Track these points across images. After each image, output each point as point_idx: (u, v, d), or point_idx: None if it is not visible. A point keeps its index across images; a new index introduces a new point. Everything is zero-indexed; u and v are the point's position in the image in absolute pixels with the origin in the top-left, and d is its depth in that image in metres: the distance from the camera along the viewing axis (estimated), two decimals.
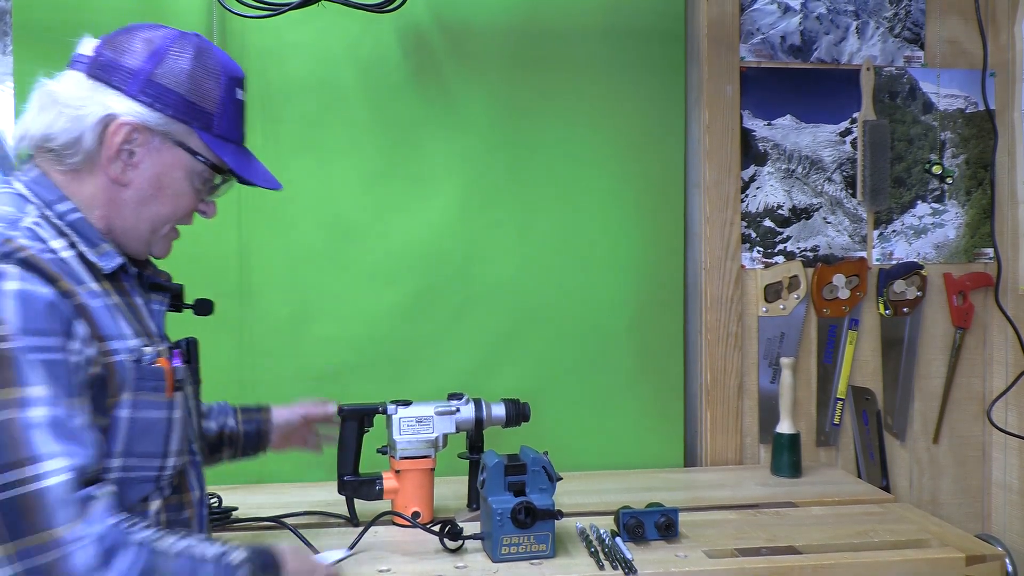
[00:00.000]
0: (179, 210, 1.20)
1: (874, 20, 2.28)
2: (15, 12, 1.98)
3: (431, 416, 1.73)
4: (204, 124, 1.16)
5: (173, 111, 1.14)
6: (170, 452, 1.16)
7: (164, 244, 1.24)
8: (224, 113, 1.18)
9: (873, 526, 1.74)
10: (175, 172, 1.17)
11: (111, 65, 1.13)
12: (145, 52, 1.14)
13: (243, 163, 1.22)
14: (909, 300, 2.29)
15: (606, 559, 1.53)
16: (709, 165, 2.21)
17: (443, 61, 2.15)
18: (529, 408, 1.82)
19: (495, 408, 1.80)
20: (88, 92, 1.11)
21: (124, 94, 1.12)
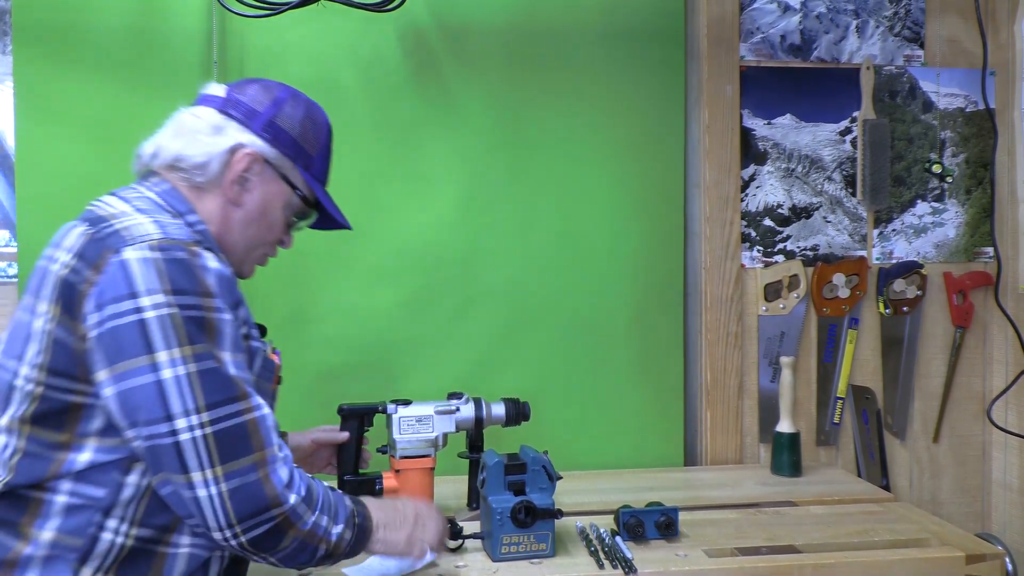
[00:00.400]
0: (271, 236, 1.38)
1: (874, 19, 2.28)
2: (15, 12, 1.99)
3: (431, 415, 1.73)
4: (305, 164, 1.37)
5: (285, 149, 1.34)
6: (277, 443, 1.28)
7: (252, 267, 1.41)
8: (321, 158, 1.40)
9: (873, 525, 1.74)
10: (276, 201, 1.36)
11: (240, 106, 1.33)
12: (268, 99, 1.35)
13: (328, 202, 1.42)
14: (909, 299, 2.29)
15: (606, 558, 1.54)
16: (709, 165, 2.21)
17: (443, 61, 2.15)
18: (529, 407, 1.82)
19: (495, 407, 1.80)
20: (221, 124, 1.31)
21: (249, 130, 1.32)
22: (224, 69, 2.05)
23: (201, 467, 1.08)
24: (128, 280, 1.09)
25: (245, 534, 1.10)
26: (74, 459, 1.10)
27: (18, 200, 2.00)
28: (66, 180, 2.00)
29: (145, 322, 1.08)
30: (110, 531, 1.10)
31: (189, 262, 1.14)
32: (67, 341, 1.10)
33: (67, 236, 1.19)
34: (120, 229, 1.15)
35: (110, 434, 1.11)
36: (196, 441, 1.08)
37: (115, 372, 1.08)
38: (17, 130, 1.99)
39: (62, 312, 1.11)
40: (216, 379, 1.11)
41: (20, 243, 2.00)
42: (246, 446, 1.11)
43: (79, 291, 1.11)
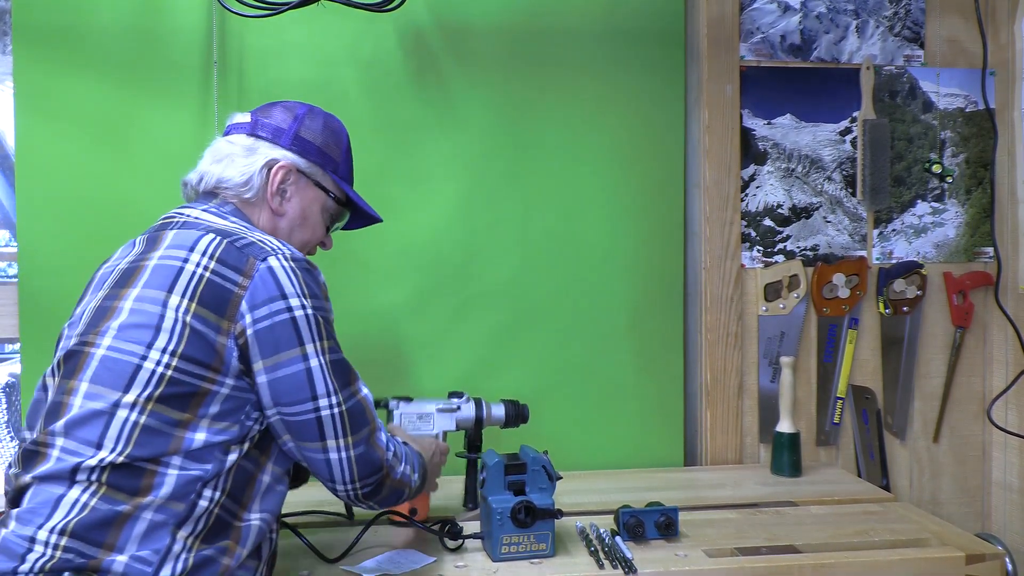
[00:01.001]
0: (314, 238, 1.54)
1: (874, 19, 2.28)
2: (15, 12, 1.99)
3: (432, 413, 1.77)
4: (333, 168, 1.54)
5: (313, 157, 1.51)
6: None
7: None
8: (345, 161, 1.57)
9: (873, 525, 1.74)
10: (314, 206, 1.52)
11: (267, 127, 1.50)
12: (289, 117, 1.52)
13: (358, 199, 1.58)
14: (909, 299, 2.29)
15: (606, 558, 1.54)
16: (709, 164, 2.21)
17: (443, 61, 2.15)
18: (528, 410, 1.85)
19: (495, 408, 1.83)
20: (253, 146, 1.48)
21: (279, 146, 1.49)
22: (224, 69, 2.05)
23: (336, 436, 1.30)
24: (278, 284, 1.28)
25: (363, 488, 1.34)
26: (192, 437, 1.22)
27: (18, 200, 2.00)
28: (66, 180, 2.00)
29: (296, 319, 1.28)
30: (206, 499, 1.22)
31: (313, 272, 1.34)
32: (208, 335, 1.24)
33: (180, 238, 1.33)
34: (255, 242, 1.33)
35: (222, 418, 1.25)
36: (335, 416, 1.30)
37: (272, 362, 1.27)
38: (17, 130, 1.99)
39: (208, 310, 1.25)
40: (344, 367, 1.34)
41: (20, 243, 2.00)
42: (364, 420, 1.34)
43: (232, 293, 1.27)
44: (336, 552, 1.57)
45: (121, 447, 1.19)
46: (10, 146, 2.01)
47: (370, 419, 1.36)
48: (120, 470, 1.19)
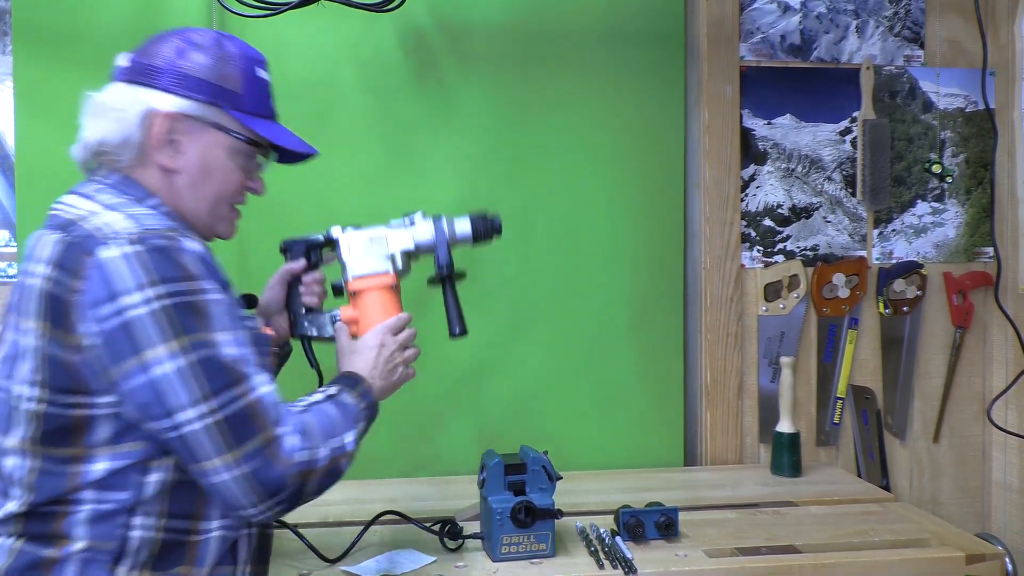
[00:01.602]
0: (229, 188, 1.30)
1: (874, 19, 2.28)
2: (15, 12, 1.99)
3: (383, 236, 1.54)
4: (233, 103, 1.27)
5: (203, 96, 1.24)
6: None
7: (227, 225, 1.34)
8: (250, 90, 1.29)
9: (873, 526, 1.74)
10: (216, 152, 1.27)
11: (143, 67, 1.25)
12: (170, 50, 1.25)
13: (275, 133, 1.33)
14: (909, 299, 2.29)
15: (606, 558, 1.54)
16: (709, 165, 2.21)
17: (443, 61, 2.15)
18: (500, 221, 1.59)
19: (459, 223, 1.57)
20: (127, 94, 1.24)
21: (159, 89, 1.23)
22: None
23: (217, 453, 1.09)
24: (107, 281, 1.08)
25: (273, 508, 1.14)
26: (89, 470, 1.11)
27: (18, 200, 2.00)
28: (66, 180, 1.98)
29: (129, 322, 1.07)
30: (138, 528, 1.12)
31: (168, 248, 1.11)
32: (60, 356, 1.09)
33: (39, 246, 1.15)
34: (92, 230, 1.12)
35: (121, 440, 1.11)
36: (206, 430, 1.09)
37: (119, 374, 1.09)
38: (17, 130, 1.99)
39: (52, 326, 1.10)
40: (217, 366, 1.10)
41: (20, 243, 2.00)
42: (252, 428, 1.11)
43: (65, 302, 1.09)
44: (336, 552, 1.57)
45: (19, 494, 1.11)
46: (10, 146, 2.01)
47: (263, 425, 1.11)
48: (28, 518, 1.11)
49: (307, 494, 1.18)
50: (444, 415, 2.15)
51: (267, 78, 1.34)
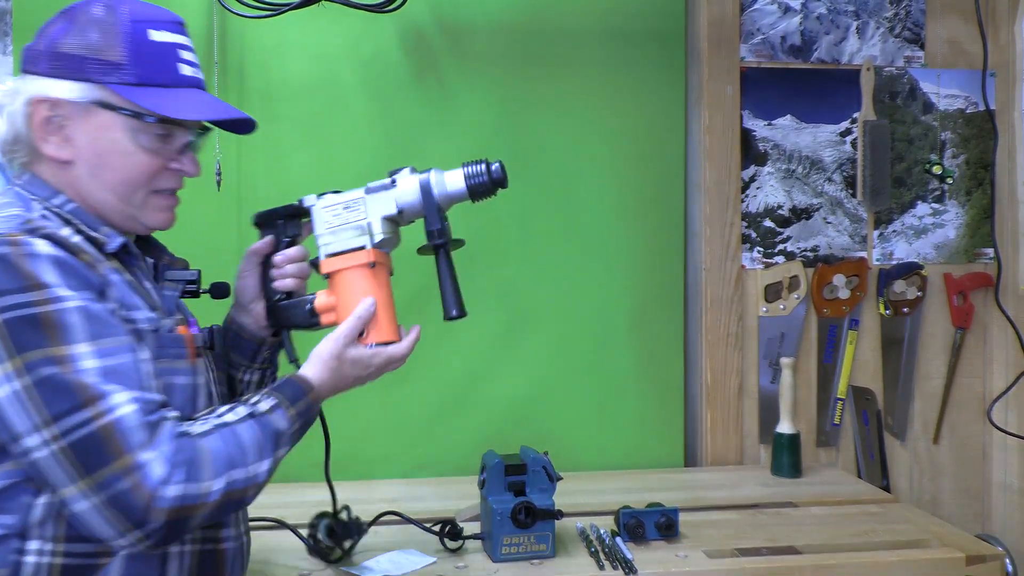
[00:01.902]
0: (138, 172, 1.15)
1: (874, 20, 2.28)
2: (15, 12, 1.99)
3: (361, 197, 1.31)
4: (116, 77, 1.12)
5: (80, 74, 1.11)
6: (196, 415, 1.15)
7: (153, 214, 1.20)
8: (138, 59, 1.13)
9: (873, 526, 1.74)
10: (110, 134, 1.13)
11: (28, 54, 1.15)
12: (53, 29, 1.14)
13: (168, 102, 1.13)
14: (909, 300, 2.28)
15: (606, 559, 1.54)
16: (709, 165, 2.21)
17: (443, 61, 2.15)
18: (502, 170, 1.38)
19: (450, 178, 1.34)
20: (13, 86, 1.14)
21: (39, 75, 1.12)
22: (224, 69, 2.05)
23: (71, 481, 0.99)
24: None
25: (146, 540, 1.01)
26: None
27: None
28: None
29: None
30: (33, 554, 1.04)
31: (11, 255, 1.00)
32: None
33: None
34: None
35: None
36: (55, 456, 0.98)
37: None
38: None
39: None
40: (55, 387, 0.98)
41: None
42: (106, 453, 0.98)
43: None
44: (336, 553, 1.57)
45: None
46: None
47: (119, 451, 0.98)
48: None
49: (196, 527, 1.06)
50: (444, 415, 2.15)
51: (169, 40, 1.16)
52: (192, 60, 1.19)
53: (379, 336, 1.29)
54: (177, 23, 1.18)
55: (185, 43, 1.18)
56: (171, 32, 1.16)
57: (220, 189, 2.01)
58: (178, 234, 1.44)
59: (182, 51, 1.17)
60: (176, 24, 1.18)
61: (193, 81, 1.18)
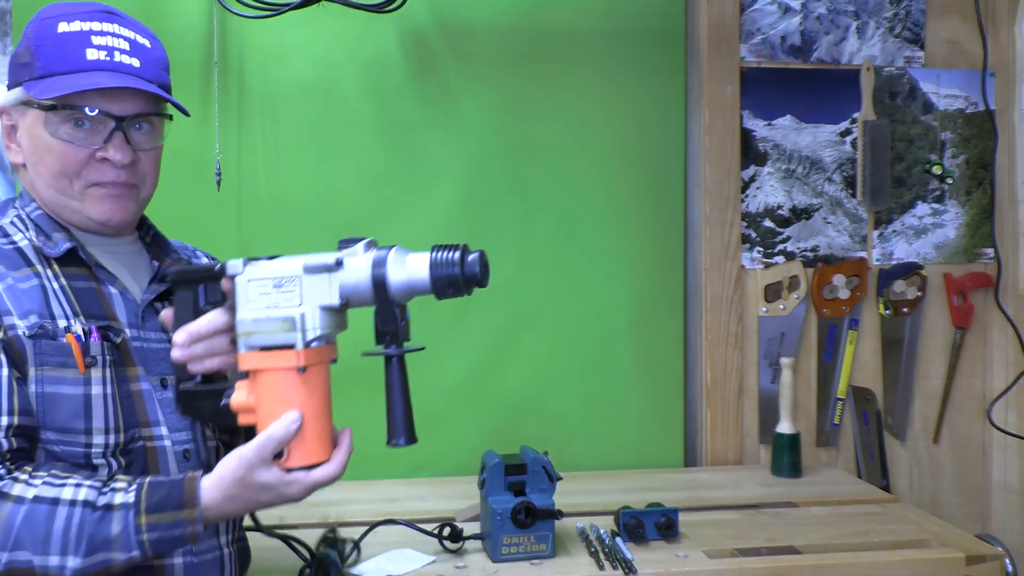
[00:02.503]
0: (63, 164, 1.17)
1: (874, 20, 2.29)
2: (15, 12, 1.99)
3: (297, 276, 1.05)
4: (29, 74, 1.18)
5: (12, 80, 1.20)
6: (93, 428, 1.13)
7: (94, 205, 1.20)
8: (42, 52, 1.17)
9: (873, 526, 1.74)
10: (35, 131, 1.18)
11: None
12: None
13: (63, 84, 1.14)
14: (909, 300, 2.29)
15: (606, 559, 1.54)
16: (709, 165, 2.21)
17: (443, 62, 2.15)
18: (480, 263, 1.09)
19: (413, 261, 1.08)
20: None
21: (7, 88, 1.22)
22: (224, 70, 2.05)
23: None
24: None
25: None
26: None
27: None
28: None
29: None
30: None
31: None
32: None
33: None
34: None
35: None
36: None
37: None
38: None
39: None
40: None
41: None
42: None
43: None
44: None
45: None
46: None
47: None
48: None
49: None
50: (444, 415, 2.15)
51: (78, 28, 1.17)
52: (108, 44, 1.18)
53: (303, 458, 1.06)
54: (99, 11, 1.21)
55: (103, 29, 1.19)
56: (85, 21, 1.18)
57: (220, 189, 2.01)
58: (178, 234, 1.45)
59: (95, 37, 1.18)
60: (96, 12, 1.20)
61: (99, 64, 1.16)
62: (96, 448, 1.13)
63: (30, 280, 1.16)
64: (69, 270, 1.20)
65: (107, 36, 1.18)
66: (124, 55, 1.19)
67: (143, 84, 1.18)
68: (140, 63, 1.20)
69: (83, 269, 1.22)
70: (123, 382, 1.18)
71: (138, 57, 1.20)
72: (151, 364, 1.22)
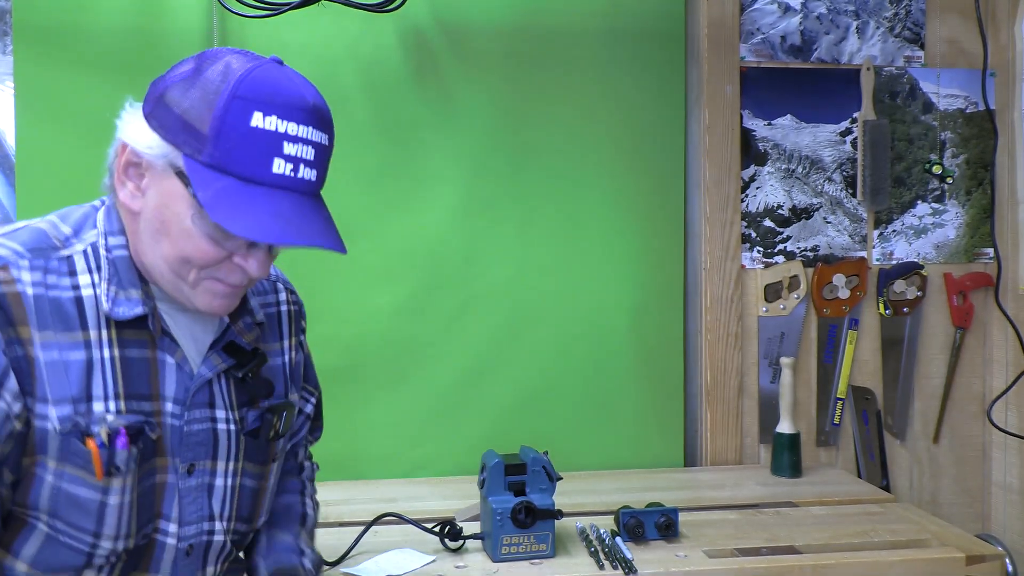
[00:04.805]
0: (192, 255, 1.04)
1: (874, 20, 2.28)
2: (15, 12, 1.98)
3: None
4: (196, 150, 1.00)
5: (169, 133, 1.01)
6: (104, 534, 1.06)
7: (205, 298, 1.08)
8: (220, 137, 0.98)
9: (873, 526, 1.74)
10: (176, 206, 1.03)
11: (151, 87, 1.07)
12: (175, 74, 1.04)
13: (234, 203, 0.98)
14: (909, 300, 2.29)
15: (606, 559, 1.54)
16: (709, 165, 2.21)
17: (443, 61, 2.15)
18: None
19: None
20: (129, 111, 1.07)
21: (143, 116, 1.05)
22: None
23: None
24: None
25: None
26: None
27: (18, 200, 2.00)
28: (66, 180, 2.00)
29: None
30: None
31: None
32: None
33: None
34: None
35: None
36: None
37: None
38: (17, 130, 1.99)
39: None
40: None
41: None
42: None
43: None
44: (336, 554, 1.57)
45: None
46: (10, 146, 2.01)
47: None
48: None
49: None
50: (444, 415, 2.15)
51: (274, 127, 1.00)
52: (298, 155, 1.01)
53: None
54: (301, 109, 1.02)
55: (299, 134, 1.01)
56: (284, 119, 1.00)
57: None
58: None
59: (288, 143, 1.00)
60: (298, 111, 1.01)
61: (284, 181, 1.01)
62: (101, 551, 1.07)
63: (77, 351, 1.04)
64: (128, 335, 1.07)
65: (300, 144, 1.02)
66: (307, 167, 1.03)
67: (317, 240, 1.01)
68: (317, 173, 1.05)
69: (145, 335, 1.09)
70: (148, 476, 1.10)
71: (317, 166, 1.05)
72: (185, 449, 1.12)
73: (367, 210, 2.12)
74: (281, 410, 1.22)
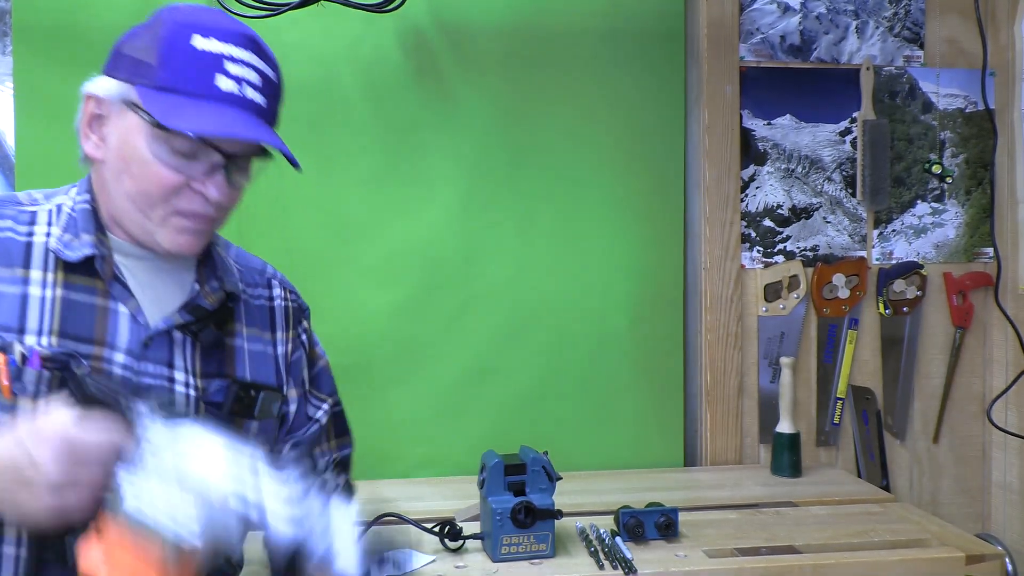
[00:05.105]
0: (154, 185, 1.07)
1: (874, 20, 2.28)
2: (15, 12, 1.99)
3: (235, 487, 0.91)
4: (148, 79, 1.06)
5: (119, 73, 1.09)
6: None
7: (170, 234, 1.11)
8: (169, 62, 1.05)
9: (873, 526, 1.74)
10: (133, 138, 1.08)
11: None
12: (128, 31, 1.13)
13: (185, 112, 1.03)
14: (909, 300, 2.29)
15: (606, 559, 1.54)
16: (709, 165, 2.21)
17: (443, 62, 2.15)
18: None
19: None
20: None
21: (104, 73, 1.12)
22: None
23: None
24: None
25: None
26: None
27: None
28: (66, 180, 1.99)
29: None
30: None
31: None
32: None
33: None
34: None
35: None
36: None
37: None
38: (17, 130, 1.99)
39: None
40: None
41: None
42: None
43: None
44: None
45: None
46: (10, 146, 2.01)
47: None
48: None
49: None
50: (444, 415, 2.15)
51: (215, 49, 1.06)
52: (241, 75, 1.07)
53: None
54: (240, 35, 1.08)
55: (239, 56, 1.07)
56: (223, 42, 1.07)
57: None
58: None
59: (230, 63, 1.06)
60: (237, 35, 1.08)
61: (229, 96, 1.06)
62: None
63: (14, 285, 1.07)
64: (75, 279, 1.10)
65: (241, 65, 1.07)
66: (253, 90, 1.09)
67: (273, 139, 1.09)
68: (265, 100, 1.10)
69: (93, 281, 1.11)
70: None
71: (264, 93, 1.10)
72: None
73: (367, 210, 2.12)
74: (256, 390, 1.19)
